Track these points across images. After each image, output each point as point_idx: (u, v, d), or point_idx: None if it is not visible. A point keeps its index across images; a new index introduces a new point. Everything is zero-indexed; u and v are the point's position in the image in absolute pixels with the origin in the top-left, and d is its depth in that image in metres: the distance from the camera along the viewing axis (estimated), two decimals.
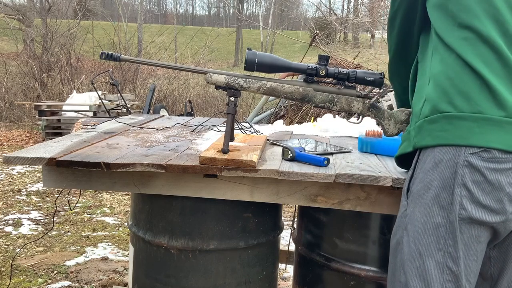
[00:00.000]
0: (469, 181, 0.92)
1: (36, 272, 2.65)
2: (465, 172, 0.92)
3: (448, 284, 0.95)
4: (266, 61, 1.30)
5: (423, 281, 0.97)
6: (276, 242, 1.60)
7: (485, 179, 0.91)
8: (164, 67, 1.45)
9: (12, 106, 9.02)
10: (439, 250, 0.95)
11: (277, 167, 1.25)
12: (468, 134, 0.92)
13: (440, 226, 0.95)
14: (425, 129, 0.99)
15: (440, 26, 1.01)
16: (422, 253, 0.97)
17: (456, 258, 0.94)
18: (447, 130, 0.94)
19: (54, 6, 11.85)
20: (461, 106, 0.94)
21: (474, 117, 0.92)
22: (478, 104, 0.92)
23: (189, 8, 46.29)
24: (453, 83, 0.95)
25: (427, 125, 0.98)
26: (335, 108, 1.35)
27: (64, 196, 4.04)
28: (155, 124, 2.00)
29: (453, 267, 0.95)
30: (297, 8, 30.53)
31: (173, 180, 1.33)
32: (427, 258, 0.96)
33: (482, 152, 0.91)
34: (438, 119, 0.96)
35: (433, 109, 0.97)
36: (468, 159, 0.91)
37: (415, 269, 0.98)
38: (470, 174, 0.91)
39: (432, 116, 0.97)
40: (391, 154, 1.47)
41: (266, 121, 5.97)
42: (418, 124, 1.01)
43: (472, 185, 0.91)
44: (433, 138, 0.97)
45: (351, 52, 9.00)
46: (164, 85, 10.08)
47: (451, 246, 0.94)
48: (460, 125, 0.93)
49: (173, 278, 1.43)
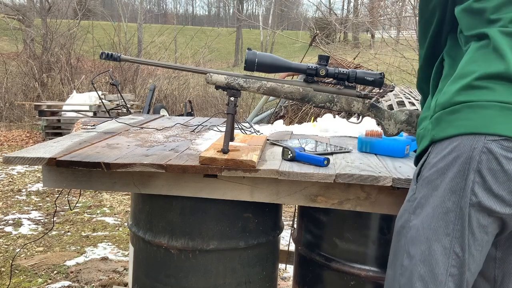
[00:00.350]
0: (484, 168, 0.90)
1: (36, 272, 2.65)
2: (482, 158, 0.90)
3: (453, 269, 0.94)
4: (266, 61, 1.30)
5: (427, 265, 0.96)
6: (276, 242, 1.60)
7: (501, 168, 0.89)
8: (164, 67, 1.45)
9: (12, 106, 9.02)
10: (447, 235, 0.94)
11: (277, 167, 1.25)
12: (491, 123, 0.90)
13: (450, 211, 0.94)
14: (445, 120, 0.97)
15: (467, 26, 1.01)
16: (430, 238, 0.96)
17: (463, 244, 0.93)
18: (470, 119, 0.92)
19: (54, 6, 11.85)
20: (486, 95, 0.92)
21: (498, 106, 0.90)
22: (502, 94, 0.91)
23: (189, 8, 46.33)
24: (478, 74, 0.94)
25: (447, 116, 0.96)
26: (335, 108, 1.35)
27: (64, 196, 4.04)
28: (155, 124, 2.00)
29: (459, 252, 0.94)
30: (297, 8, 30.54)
31: (173, 180, 1.33)
32: (434, 242, 0.95)
33: (503, 140, 0.89)
34: (461, 109, 0.94)
35: (452, 99, 0.96)
36: (487, 145, 0.90)
37: (420, 253, 0.97)
38: (487, 161, 0.90)
39: (453, 107, 0.95)
40: (391, 154, 1.47)
41: (266, 121, 5.97)
42: (436, 117, 0.99)
43: (487, 172, 0.90)
44: (455, 128, 0.94)
45: (351, 52, 9.00)
46: (164, 85, 10.08)
47: (459, 231, 0.93)
48: (483, 114, 0.91)
49: (173, 278, 1.43)
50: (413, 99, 4.78)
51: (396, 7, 9.06)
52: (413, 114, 1.36)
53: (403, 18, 8.75)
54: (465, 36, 1.02)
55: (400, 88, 5.30)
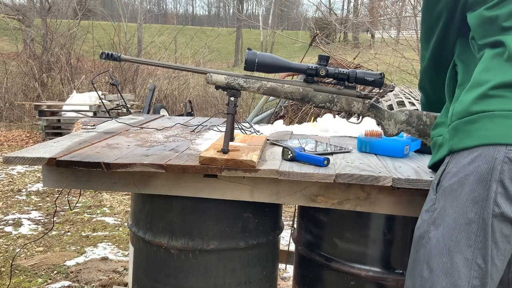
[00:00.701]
0: (507, 178, 0.89)
1: (36, 272, 2.65)
2: (504, 168, 0.89)
3: (475, 280, 0.93)
4: (266, 61, 1.30)
5: (449, 277, 0.95)
6: (276, 242, 1.60)
7: None
8: (164, 67, 1.45)
9: (12, 106, 9.02)
10: (469, 247, 0.93)
11: (277, 167, 1.25)
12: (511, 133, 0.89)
13: (472, 222, 0.93)
14: (462, 130, 0.96)
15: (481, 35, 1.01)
16: (451, 249, 0.95)
17: (486, 255, 0.92)
18: (489, 129, 0.91)
19: (54, 6, 11.85)
20: (504, 104, 0.91)
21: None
22: None
23: (189, 8, 46.33)
24: (495, 82, 0.93)
25: (465, 126, 0.95)
26: (335, 108, 1.35)
27: (64, 196, 4.04)
28: (155, 124, 2.00)
29: (481, 264, 0.93)
30: (297, 8, 30.55)
31: (173, 180, 1.33)
32: (456, 254, 0.94)
33: None
34: (479, 119, 0.93)
35: (469, 109, 0.95)
36: (508, 155, 0.89)
37: (442, 265, 0.96)
38: (509, 171, 0.89)
39: (470, 117, 0.94)
40: (390, 154, 1.47)
41: (266, 121, 5.97)
42: (453, 126, 0.98)
43: (510, 182, 0.89)
44: (474, 139, 0.93)
45: (351, 52, 9.00)
46: (164, 85, 10.08)
47: (481, 243, 0.92)
48: (503, 124, 0.90)
49: (173, 278, 1.43)
50: (413, 99, 4.78)
51: (396, 7, 9.07)
52: (413, 114, 1.36)
53: (403, 18, 8.76)
54: (478, 44, 1.02)
55: (400, 88, 5.30)
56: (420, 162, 1.40)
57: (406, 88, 5.41)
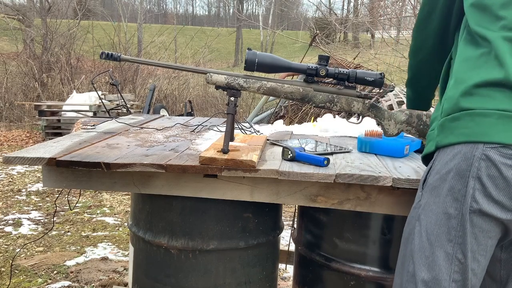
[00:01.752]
0: (484, 174, 0.91)
1: (36, 272, 2.65)
2: (481, 165, 0.91)
3: (456, 275, 0.95)
4: (266, 61, 1.30)
5: (431, 271, 0.97)
6: (276, 242, 1.60)
7: (501, 174, 0.90)
8: (164, 67, 1.45)
9: (12, 106, 9.02)
10: (449, 241, 0.95)
11: (277, 167, 1.25)
12: (491, 131, 0.91)
13: (452, 217, 0.95)
14: (447, 127, 0.98)
15: (475, 22, 1.00)
16: (433, 244, 0.97)
17: (465, 250, 0.94)
18: (470, 127, 0.93)
19: (54, 6, 11.85)
20: (485, 103, 0.92)
21: (497, 114, 0.91)
22: (502, 101, 0.91)
23: (189, 8, 46.33)
24: (478, 80, 0.94)
25: (449, 123, 0.98)
26: (335, 108, 1.35)
27: (64, 196, 4.04)
28: (155, 124, 2.00)
29: (461, 258, 0.95)
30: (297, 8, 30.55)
31: (173, 180, 1.33)
32: (437, 248, 0.96)
33: (502, 147, 0.90)
34: (461, 117, 0.95)
35: (454, 106, 0.97)
36: (486, 152, 0.91)
37: (424, 259, 0.98)
38: (486, 168, 0.91)
39: (454, 114, 0.96)
40: (390, 154, 1.47)
41: (266, 121, 5.97)
42: (440, 123, 1.01)
43: (487, 179, 0.91)
44: (455, 136, 0.96)
45: (351, 52, 9.00)
46: (164, 85, 10.08)
47: (461, 238, 0.94)
48: (482, 122, 0.92)
49: (173, 278, 1.43)
50: None
51: (396, 7, 9.06)
52: (413, 114, 1.36)
53: (403, 18, 8.75)
54: (470, 32, 1.01)
55: (400, 88, 5.30)
56: (420, 162, 1.40)
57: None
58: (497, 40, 0.94)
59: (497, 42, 0.94)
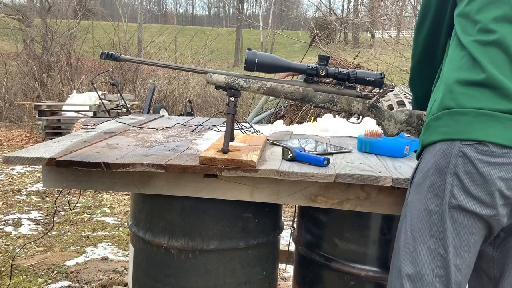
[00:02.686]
0: (461, 171, 0.93)
1: (36, 272, 2.65)
2: (458, 162, 0.94)
3: (438, 270, 0.97)
4: (266, 61, 1.30)
5: (415, 266, 0.99)
6: (276, 242, 1.60)
7: (477, 170, 0.92)
8: (164, 67, 1.45)
9: (12, 106, 9.01)
10: (431, 237, 0.98)
11: (277, 167, 1.25)
12: (468, 129, 0.93)
13: (433, 213, 0.97)
14: (431, 126, 1.01)
15: (461, 29, 1.03)
16: (416, 239, 1.00)
17: (446, 246, 0.96)
18: (448, 125, 0.96)
19: (54, 6, 11.84)
20: (463, 101, 0.95)
21: (475, 113, 0.93)
22: (480, 100, 0.93)
23: (189, 8, 46.32)
24: (458, 80, 0.97)
25: (433, 122, 1.01)
26: (335, 108, 1.35)
27: (64, 196, 4.04)
28: (155, 124, 2.00)
29: (443, 253, 0.97)
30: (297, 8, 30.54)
31: (173, 180, 1.33)
32: (420, 244, 0.99)
33: (478, 144, 0.92)
34: (442, 116, 0.98)
35: (439, 106, 1.00)
36: (462, 149, 0.93)
37: (408, 254, 1.00)
38: (463, 164, 0.93)
39: (437, 113, 1.00)
40: (390, 154, 1.47)
41: (266, 121, 5.97)
42: (426, 123, 1.04)
43: (464, 175, 0.93)
44: (437, 135, 0.99)
45: (351, 52, 9.00)
46: (164, 85, 10.07)
47: (442, 233, 0.96)
48: (461, 120, 0.95)
49: (173, 278, 1.43)
50: None
51: (396, 7, 9.06)
52: (413, 114, 1.36)
53: (403, 18, 8.75)
54: (456, 39, 1.05)
55: (400, 88, 5.30)
56: None
57: (406, 88, 5.40)
58: (469, 44, 0.98)
59: (470, 46, 0.98)
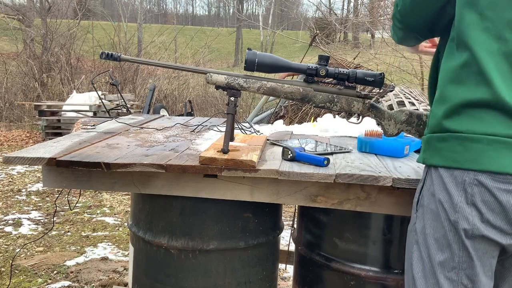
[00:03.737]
0: (478, 200, 0.88)
1: (36, 272, 2.65)
2: (475, 191, 0.88)
3: None
4: (266, 61, 1.30)
5: None
6: (276, 242, 1.60)
7: (496, 199, 0.87)
8: (164, 67, 1.45)
9: (12, 106, 9.01)
10: (453, 268, 0.93)
11: (277, 167, 1.25)
12: (482, 158, 0.87)
13: (452, 242, 0.92)
14: (434, 146, 0.95)
15: (466, 24, 0.91)
16: (436, 271, 0.94)
17: (471, 275, 0.92)
18: (458, 152, 0.90)
19: (54, 6, 11.84)
20: (473, 126, 0.88)
21: (488, 140, 0.87)
22: (492, 124, 0.87)
23: (189, 8, 46.32)
24: (463, 101, 0.89)
25: (436, 142, 0.94)
26: (335, 108, 1.35)
27: (64, 196, 4.04)
28: (155, 124, 2.00)
29: (468, 284, 0.92)
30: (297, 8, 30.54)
31: (173, 180, 1.33)
32: (441, 276, 0.94)
33: (494, 173, 0.87)
34: (449, 139, 0.91)
35: (439, 125, 0.93)
36: (477, 177, 0.88)
37: (431, 286, 0.95)
38: (480, 193, 0.88)
39: (442, 134, 0.93)
40: (390, 154, 1.47)
41: (266, 121, 5.97)
42: (426, 139, 0.98)
43: (482, 204, 0.88)
44: (442, 159, 0.93)
45: (351, 52, 8.99)
46: (164, 85, 10.07)
47: (465, 263, 0.92)
48: (472, 148, 0.88)
49: (173, 278, 1.43)
50: (413, 99, 4.77)
51: None
52: (413, 114, 1.36)
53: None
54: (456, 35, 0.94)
55: (400, 88, 5.30)
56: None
57: (406, 88, 5.40)
58: (480, 54, 0.88)
59: (481, 57, 0.88)
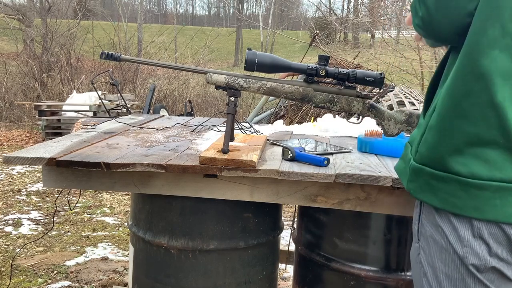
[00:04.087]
0: (485, 233, 0.83)
1: (36, 272, 2.65)
2: (481, 225, 0.83)
3: None
4: (266, 61, 1.30)
5: None
6: (276, 242, 1.60)
7: (503, 232, 0.82)
8: (164, 67, 1.45)
9: (12, 106, 9.01)
10: None
11: (277, 167, 1.25)
12: (486, 207, 0.81)
13: (466, 277, 0.87)
14: (428, 183, 0.87)
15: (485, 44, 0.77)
16: None
17: None
18: (460, 198, 0.82)
19: (54, 6, 11.84)
20: (480, 170, 0.80)
21: (495, 187, 0.79)
22: (501, 168, 0.79)
23: (189, 8, 46.28)
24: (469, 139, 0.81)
25: (432, 179, 0.86)
26: (335, 108, 1.35)
27: (64, 196, 4.04)
28: (155, 124, 2.00)
29: None
30: (297, 8, 30.53)
31: (173, 180, 1.33)
32: None
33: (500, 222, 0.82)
34: (449, 180, 0.83)
35: (439, 161, 0.85)
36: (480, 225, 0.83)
37: None
38: (487, 227, 0.83)
39: (441, 174, 0.84)
40: (390, 154, 1.47)
41: (266, 121, 5.97)
42: (414, 168, 0.89)
43: (489, 237, 0.83)
44: (440, 201, 0.85)
45: (351, 52, 8.99)
46: (164, 85, 10.07)
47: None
48: (478, 196, 0.81)
49: (173, 278, 1.43)
50: (413, 99, 4.77)
51: (396, 7, 9.07)
52: (413, 114, 1.36)
53: (403, 18, 8.75)
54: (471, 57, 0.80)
55: (400, 88, 5.30)
56: None
57: (406, 88, 5.41)
58: (495, 79, 0.76)
59: (495, 82, 0.76)
